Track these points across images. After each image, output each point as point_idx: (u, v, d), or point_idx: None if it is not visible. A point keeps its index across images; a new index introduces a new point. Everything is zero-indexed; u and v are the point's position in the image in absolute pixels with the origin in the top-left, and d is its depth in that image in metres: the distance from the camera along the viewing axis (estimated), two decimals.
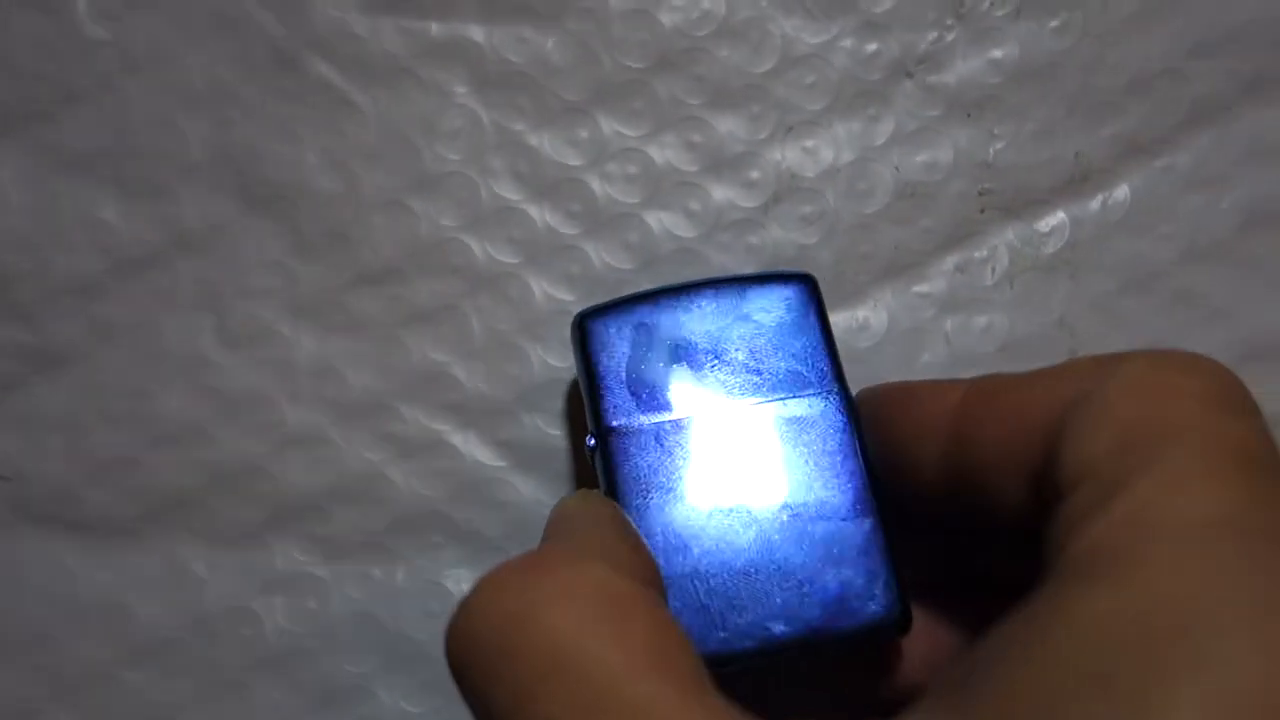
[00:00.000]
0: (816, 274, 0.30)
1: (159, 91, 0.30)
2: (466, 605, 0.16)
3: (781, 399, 0.23)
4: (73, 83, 0.30)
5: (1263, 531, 0.14)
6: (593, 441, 0.23)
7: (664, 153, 0.30)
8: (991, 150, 0.30)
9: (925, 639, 0.22)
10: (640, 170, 0.30)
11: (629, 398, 0.24)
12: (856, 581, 0.22)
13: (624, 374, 0.24)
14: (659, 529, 0.22)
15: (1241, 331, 0.29)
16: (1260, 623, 0.13)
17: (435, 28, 0.30)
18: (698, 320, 0.24)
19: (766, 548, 0.22)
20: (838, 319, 0.30)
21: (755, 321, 0.24)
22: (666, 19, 0.30)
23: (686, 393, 0.24)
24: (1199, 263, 0.29)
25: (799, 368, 0.24)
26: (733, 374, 0.24)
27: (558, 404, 0.29)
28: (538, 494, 0.29)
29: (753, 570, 0.22)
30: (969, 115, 0.30)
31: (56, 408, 0.30)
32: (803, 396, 0.23)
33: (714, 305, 0.24)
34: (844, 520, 0.22)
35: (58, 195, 0.30)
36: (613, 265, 0.30)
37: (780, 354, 0.24)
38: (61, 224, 0.30)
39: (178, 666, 0.29)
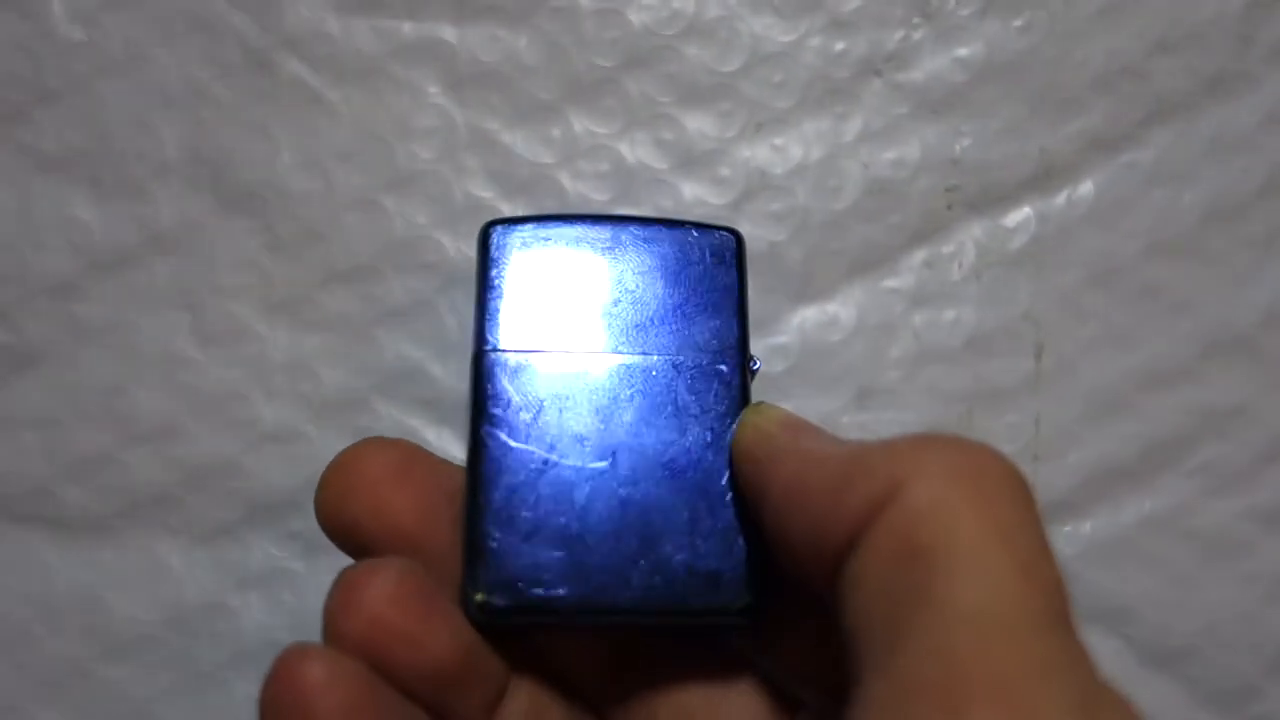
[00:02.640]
0: (786, 270, 0.30)
1: (134, 92, 0.30)
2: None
3: (677, 356, 0.22)
4: (48, 83, 0.31)
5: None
6: None
7: (635, 150, 0.30)
8: (958, 147, 0.30)
9: None
10: (612, 168, 0.30)
11: (517, 321, 0.22)
12: (713, 561, 0.20)
13: (517, 294, 0.22)
14: (517, 466, 0.21)
15: (1203, 324, 0.30)
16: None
17: (408, 28, 0.31)
18: (612, 255, 0.23)
19: (625, 508, 0.21)
20: (807, 314, 0.30)
21: (672, 269, 0.23)
22: (636, 18, 0.30)
23: (579, 329, 0.22)
24: (1162, 257, 0.30)
25: (705, 327, 0.22)
26: (635, 318, 0.22)
27: None
28: None
29: (605, 528, 0.20)
30: (936, 113, 0.30)
31: (34, 406, 0.30)
32: (700, 357, 0.22)
33: (633, 244, 0.23)
34: (713, 494, 0.21)
35: (34, 196, 0.30)
36: None
37: (689, 308, 0.22)
38: (38, 224, 0.30)
39: (155, 662, 0.29)
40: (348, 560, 0.29)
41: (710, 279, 0.23)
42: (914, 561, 0.16)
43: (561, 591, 0.20)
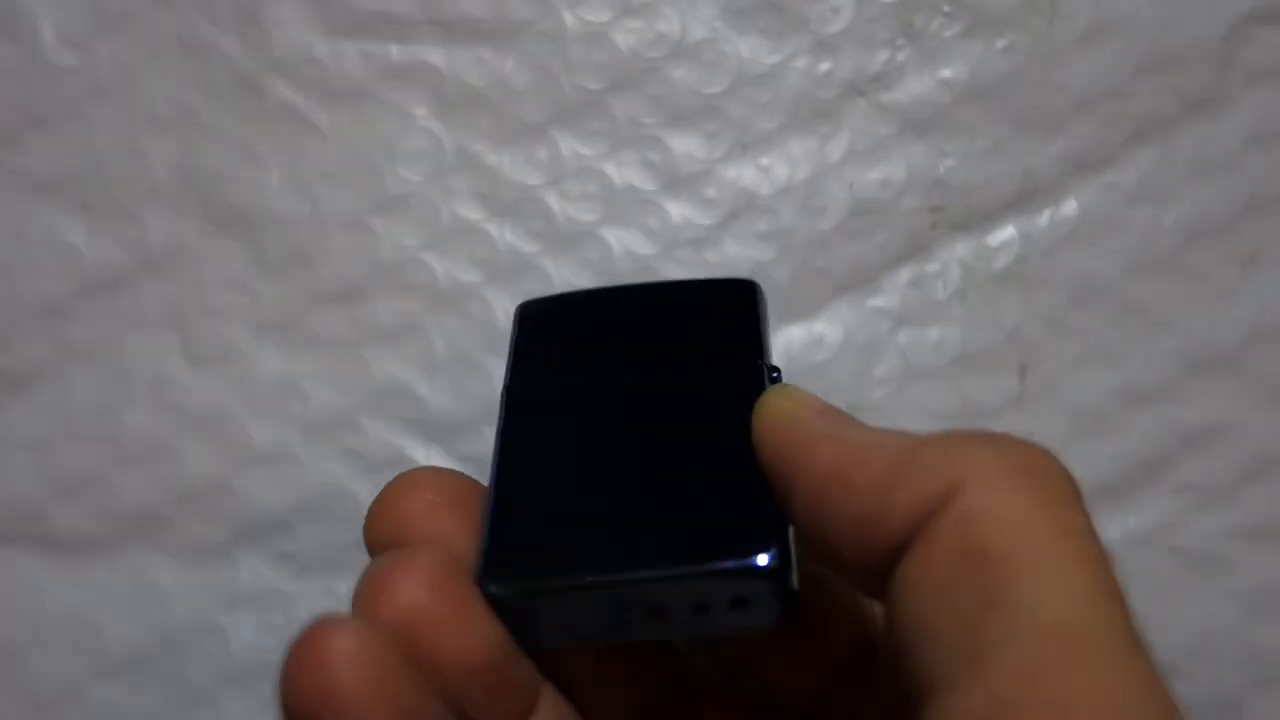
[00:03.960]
0: (772, 290, 0.30)
1: (124, 116, 0.31)
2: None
3: (701, 378, 0.23)
4: (39, 108, 0.31)
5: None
6: None
7: (622, 172, 0.31)
8: (942, 167, 0.31)
9: None
10: (599, 189, 0.31)
11: (543, 370, 0.23)
12: (734, 529, 0.19)
13: (545, 352, 0.24)
14: (535, 461, 0.22)
15: (1186, 342, 0.30)
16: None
17: (395, 51, 0.31)
18: (636, 313, 0.24)
19: (644, 490, 0.21)
20: (794, 333, 0.30)
21: (694, 317, 0.24)
22: (622, 41, 0.31)
23: (603, 367, 0.23)
24: (1145, 276, 0.30)
25: (725, 368, 0.23)
26: (658, 357, 0.23)
27: None
28: None
29: (623, 508, 0.20)
30: (920, 133, 0.31)
31: (24, 427, 0.30)
32: (723, 378, 0.22)
33: (655, 301, 0.24)
34: (734, 472, 0.20)
35: (24, 219, 0.30)
36: (573, 283, 0.30)
37: (709, 353, 0.23)
38: (28, 247, 0.30)
39: (146, 682, 0.29)
40: (337, 578, 0.30)
41: (731, 320, 0.24)
42: (981, 567, 0.15)
43: (579, 565, 0.20)
